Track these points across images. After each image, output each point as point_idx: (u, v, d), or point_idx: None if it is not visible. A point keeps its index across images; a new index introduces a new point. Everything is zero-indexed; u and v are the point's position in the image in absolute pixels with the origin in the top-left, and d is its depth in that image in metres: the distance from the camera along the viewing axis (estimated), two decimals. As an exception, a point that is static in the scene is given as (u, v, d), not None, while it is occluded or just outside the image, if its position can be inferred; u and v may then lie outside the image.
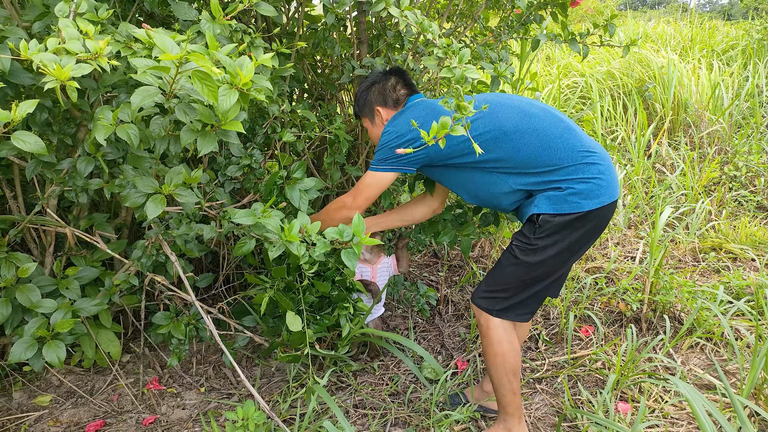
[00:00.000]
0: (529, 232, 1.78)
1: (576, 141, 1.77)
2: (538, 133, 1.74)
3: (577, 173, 1.73)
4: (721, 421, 1.43)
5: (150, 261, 1.84)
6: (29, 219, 1.96)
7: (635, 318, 2.83)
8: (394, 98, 1.98)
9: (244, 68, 1.13)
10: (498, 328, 1.86)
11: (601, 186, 1.74)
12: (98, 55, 1.06)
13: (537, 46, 2.29)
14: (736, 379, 2.36)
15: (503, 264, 1.87)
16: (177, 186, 1.49)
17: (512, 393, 1.89)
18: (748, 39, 7.37)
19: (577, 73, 6.25)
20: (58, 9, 1.17)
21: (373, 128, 2.05)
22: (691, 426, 2.09)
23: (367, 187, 1.88)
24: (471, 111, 1.29)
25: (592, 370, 2.45)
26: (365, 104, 2.03)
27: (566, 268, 1.92)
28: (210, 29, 1.34)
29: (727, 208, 4.10)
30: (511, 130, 1.74)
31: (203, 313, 1.75)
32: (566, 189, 1.72)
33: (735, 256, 3.50)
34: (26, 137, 1.22)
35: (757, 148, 4.70)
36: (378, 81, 2.00)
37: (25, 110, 1.17)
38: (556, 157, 1.73)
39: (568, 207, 1.71)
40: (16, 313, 1.95)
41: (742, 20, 10.87)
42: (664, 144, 4.94)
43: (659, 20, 9.27)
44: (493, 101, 1.79)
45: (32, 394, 2.28)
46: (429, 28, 1.35)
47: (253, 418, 1.56)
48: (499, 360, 1.85)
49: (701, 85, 5.49)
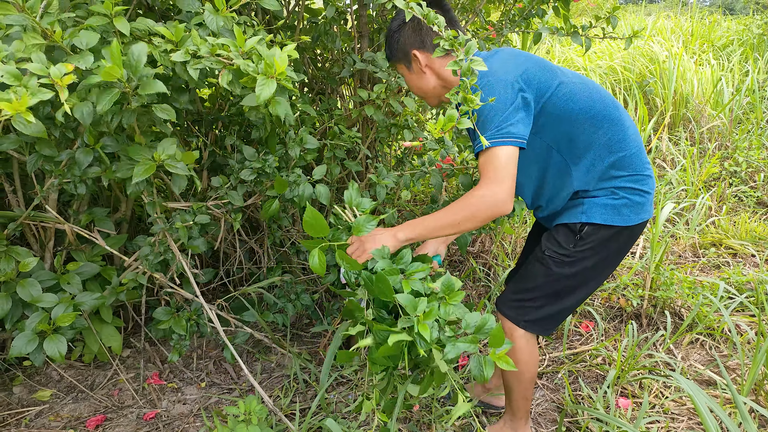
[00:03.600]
0: (567, 243, 1.63)
1: (644, 154, 1.66)
2: (624, 131, 1.61)
3: (637, 183, 1.61)
4: (723, 417, 1.43)
5: (158, 259, 1.83)
6: (27, 214, 1.95)
7: (635, 314, 2.83)
8: (433, 40, 1.52)
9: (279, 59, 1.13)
10: (522, 338, 1.74)
11: (649, 202, 1.65)
12: (58, 84, 1.05)
13: (539, 39, 2.28)
14: (737, 375, 2.36)
15: (533, 273, 1.72)
16: (169, 156, 1.47)
17: (525, 399, 1.86)
18: (748, 34, 7.35)
19: (578, 68, 6.23)
20: (29, 5, 1.15)
21: (411, 76, 1.69)
22: (692, 422, 2.09)
23: (504, 167, 1.42)
24: (478, 103, 1.28)
25: (592, 365, 2.45)
26: (398, 47, 1.65)
27: (599, 283, 1.75)
28: (213, 22, 1.33)
29: (727, 203, 4.10)
30: (602, 116, 1.58)
31: (209, 311, 1.75)
32: (622, 198, 1.59)
33: (735, 252, 3.51)
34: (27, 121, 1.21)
35: (757, 144, 4.69)
36: (405, 20, 1.52)
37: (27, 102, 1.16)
38: (629, 160, 1.61)
39: (618, 219, 1.59)
40: (16, 308, 1.95)
41: (741, 15, 10.85)
42: (665, 139, 4.93)
43: (659, 14, 9.25)
44: (581, 83, 1.62)
45: (32, 389, 2.28)
46: (435, 20, 1.34)
47: (255, 413, 1.56)
48: (520, 368, 1.77)
49: (702, 80, 5.48)
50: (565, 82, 1.58)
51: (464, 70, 1.31)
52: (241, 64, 1.18)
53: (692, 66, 5.54)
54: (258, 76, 1.18)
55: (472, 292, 3.09)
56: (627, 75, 5.78)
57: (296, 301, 2.41)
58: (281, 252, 2.74)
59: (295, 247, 2.70)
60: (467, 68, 1.30)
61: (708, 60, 6.10)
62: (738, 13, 14.03)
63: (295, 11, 2.40)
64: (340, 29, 2.52)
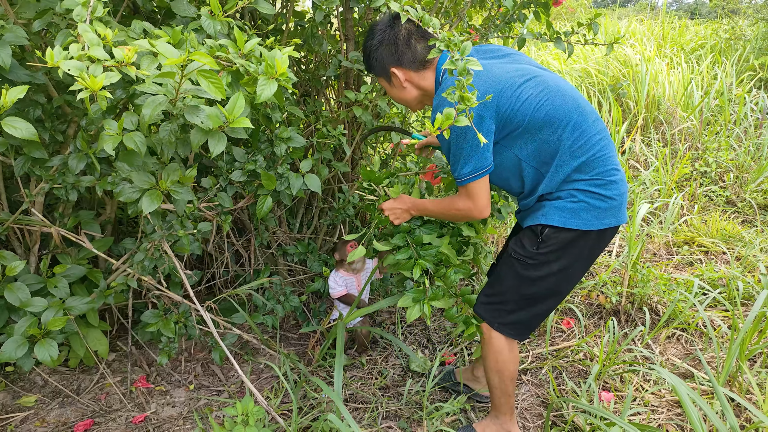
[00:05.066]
0: (531, 246, 1.68)
1: (611, 155, 1.65)
2: (584, 133, 1.61)
3: (599, 188, 1.61)
4: (704, 408, 1.50)
5: (153, 263, 1.83)
6: (15, 218, 1.93)
7: (614, 310, 2.92)
8: (410, 57, 1.66)
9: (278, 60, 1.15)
10: (500, 338, 1.81)
11: (615, 207, 1.64)
12: (124, 63, 1.05)
13: (523, 44, 2.33)
14: (711, 367, 2.46)
15: (503, 276, 1.79)
16: (173, 183, 1.49)
17: (507, 395, 1.92)
18: (716, 38, 7.59)
19: (554, 70, 6.35)
20: (76, 14, 1.15)
21: (392, 89, 1.78)
22: (671, 413, 2.17)
23: (476, 193, 1.67)
24: (474, 102, 1.32)
25: (574, 360, 2.52)
26: (377, 65, 1.73)
27: (569, 288, 1.78)
28: (210, 26, 1.34)
29: (698, 203, 4.24)
30: (561, 118, 1.59)
31: (204, 313, 1.75)
32: (580, 201, 1.61)
33: (707, 250, 3.63)
34: (18, 123, 1.20)
35: (725, 145, 4.86)
36: (385, 37, 1.66)
37: (15, 96, 1.16)
38: (590, 162, 1.61)
39: (577, 222, 1.61)
40: (2, 312, 1.93)
41: (708, 19, 11.19)
42: (638, 141, 5.07)
43: (632, 18, 9.47)
44: (551, 80, 1.64)
45: (16, 395, 2.25)
46: (430, 22, 1.37)
47: (253, 413, 1.57)
48: (499, 367, 1.84)
49: (673, 83, 5.65)
50: (526, 94, 1.59)
51: (460, 70, 1.35)
52: (243, 64, 1.20)
53: (664, 69, 5.70)
54: (259, 76, 1.19)
55: (456, 292, 3.14)
56: (601, 78, 5.92)
57: (285, 302, 2.42)
58: (267, 254, 2.74)
59: (281, 249, 2.71)
60: (463, 68, 1.34)
61: (679, 63, 6.28)
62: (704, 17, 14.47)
63: (282, 14, 2.41)
64: (327, 33, 2.54)
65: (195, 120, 1.13)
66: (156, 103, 1.05)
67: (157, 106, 1.05)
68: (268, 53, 1.19)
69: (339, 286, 2.46)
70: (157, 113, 1.05)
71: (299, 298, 2.58)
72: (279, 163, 2.12)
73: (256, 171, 2.03)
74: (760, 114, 5.30)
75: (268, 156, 2.11)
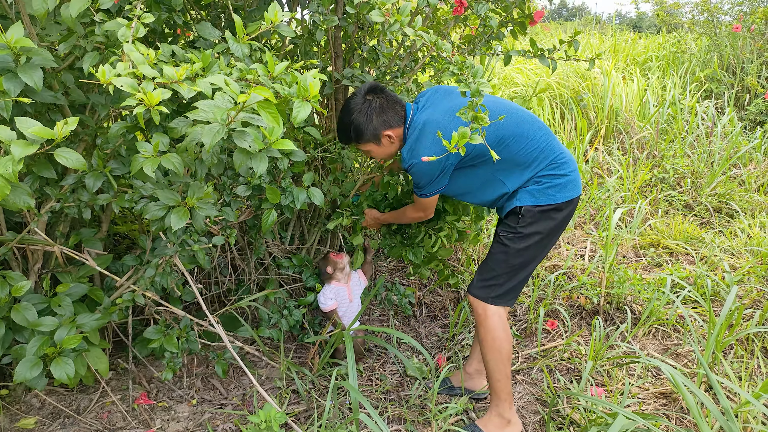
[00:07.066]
0: (514, 223, 2.06)
1: (556, 145, 2.08)
2: (530, 139, 2.01)
3: (555, 169, 2.03)
4: (700, 395, 1.64)
5: (164, 279, 1.85)
6: (20, 238, 1.91)
7: (594, 311, 3.08)
8: (391, 116, 2.02)
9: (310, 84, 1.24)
10: (494, 315, 2.07)
11: (571, 181, 2.05)
12: (176, 81, 1.10)
13: (509, 61, 2.47)
14: (688, 360, 2.64)
15: (493, 253, 2.11)
16: (199, 199, 1.54)
17: (506, 377, 2.08)
18: (663, 51, 8.04)
19: (517, 84, 6.60)
20: (121, 34, 1.20)
21: (380, 149, 2.10)
22: (657, 403, 2.32)
23: (429, 205, 2.19)
24: (487, 121, 1.43)
25: (563, 359, 2.66)
26: (369, 134, 2.03)
27: (544, 254, 2.16)
28: (239, 50, 1.40)
29: (660, 207, 4.50)
30: (509, 135, 1.98)
31: (216, 324, 1.78)
32: (545, 183, 2.02)
33: (672, 251, 3.86)
34: (68, 154, 1.24)
35: (680, 152, 5.17)
36: (371, 109, 2.00)
37: (68, 128, 1.20)
38: (541, 158, 2.02)
39: (545, 199, 2.01)
40: (7, 333, 1.90)
41: (648, 33, 11.80)
42: (600, 150, 5.33)
43: (588, 33, 9.91)
44: (493, 107, 1.97)
45: (14, 418, 2.20)
46: (443, 47, 1.48)
47: (276, 419, 1.61)
48: (497, 345, 2.05)
49: (629, 95, 5.96)
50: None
51: (473, 92, 1.45)
52: (277, 88, 1.27)
53: (620, 81, 6.02)
54: (293, 99, 1.27)
55: (444, 298, 3.24)
56: (562, 91, 6.19)
57: (288, 316, 2.47)
58: (261, 267, 2.78)
59: (276, 262, 2.75)
60: (476, 90, 1.45)
61: (633, 75, 6.63)
62: (645, 30, 15.22)
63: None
64: (320, 50, 2.62)
65: (243, 144, 1.19)
66: (214, 132, 1.11)
67: (215, 135, 1.11)
68: (301, 78, 1.27)
69: (329, 299, 2.52)
70: (216, 141, 1.11)
71: (300, 311, 2.62)
72: (281, 177, 2.18)
73: (261, 185, 2.08)
74: (710, 123, 5.66)
75: (270, 171, 2.17)
